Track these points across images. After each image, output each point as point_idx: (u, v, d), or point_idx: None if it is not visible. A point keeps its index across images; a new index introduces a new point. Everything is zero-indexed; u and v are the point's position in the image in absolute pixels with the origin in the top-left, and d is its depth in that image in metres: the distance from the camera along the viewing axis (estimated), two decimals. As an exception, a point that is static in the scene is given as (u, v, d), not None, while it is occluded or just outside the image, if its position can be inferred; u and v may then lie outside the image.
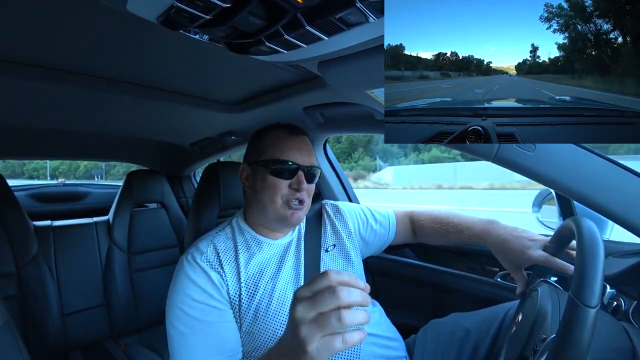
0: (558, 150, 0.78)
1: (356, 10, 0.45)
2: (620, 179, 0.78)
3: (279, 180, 0.92)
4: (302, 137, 0.98)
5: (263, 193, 0.93)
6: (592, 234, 0.57)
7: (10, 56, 0.84)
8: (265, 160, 0.93)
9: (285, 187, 0.92)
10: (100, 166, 26.84)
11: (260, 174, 0.94)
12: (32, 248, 1.58)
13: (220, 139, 1.72)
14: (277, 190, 0.91)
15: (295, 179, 0.92)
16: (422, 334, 1.02)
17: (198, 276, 0.85)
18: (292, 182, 0.92)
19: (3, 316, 0.75)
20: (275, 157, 0.93)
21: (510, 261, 0.89)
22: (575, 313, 0.50)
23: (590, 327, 0.49)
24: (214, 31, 0.53)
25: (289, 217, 0.92)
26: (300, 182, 0.92)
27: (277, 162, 0.92)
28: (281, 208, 0.92)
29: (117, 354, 1.61)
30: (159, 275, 1.91)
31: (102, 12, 0.65)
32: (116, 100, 1.18)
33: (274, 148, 0.94)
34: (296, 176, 0.92)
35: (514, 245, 0.89)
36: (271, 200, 0.92)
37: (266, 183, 0.92)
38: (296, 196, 0.92)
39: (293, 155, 0.93)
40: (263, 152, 0.95)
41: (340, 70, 0.71)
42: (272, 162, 0.92)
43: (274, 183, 0.92)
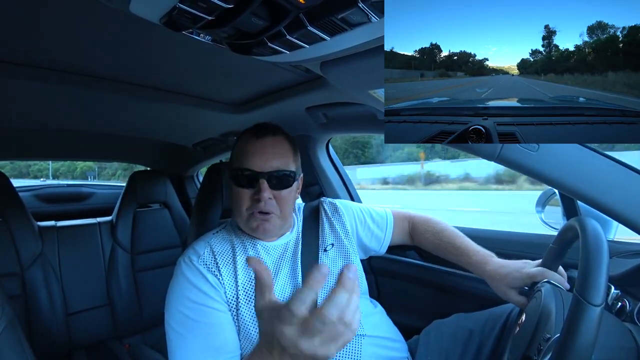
0: (562, 150, 0.78)
1: (358, 10, 0.45)
2: (625, 179, 0.78)
3: (242, 190, 0.88)
4: (267, 138, 0.90)
5: (232, 204, 0.92)
6: (596, 234, 0.56)
7: (14, 57, 0.85)
8: (230, 170, 0.92)
9: (247, 197, 0.88)
10: (94, 168, 28.81)
11: (230, 184, 0.92)
12: (36, 248, 1.59)
13: (223, 139, 1.72)
14: (241, 201, 0.88)
15: (256, 187, 0.87)
16: (425, 334, 1.02)
17: (195, 278, 0.85)
18: (253, 192, 0.87)
19: (8, 316, 0.75)
20: (236, 165, 0.90)
21: (505, 284, 0.86)
22: (579, 311, 0.50)
23: (595, 325, 0.49)
24: (217, 32, 0.53)
25: (254, 229, 0.88)
26: (261, 191, 0.85)
27: (237, 170, 0.89)
28: (247, 220, 0.89)
29: (121, 353, 1.62)
30: (162, 275, 1.92)
31: (105, 13, 0.65)
32: (119, 101, 1.19)
33: (239, 155, 0.91)
34: (257, 184, 0.87)
35: (509, 268, 0.88)
36: (238, 211, 0.90)
37: (233, 194, 0.91)
38: (258, 208, 0.87)
39: (253, 162, 0.87)
40: (233, 160, 0.93)
41: (343, 70, 0.71)
42: (234, 171, 0.90)
43: (237, 194, 0.89)
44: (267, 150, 0.89)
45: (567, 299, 0.65)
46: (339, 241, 1.05)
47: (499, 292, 0.89)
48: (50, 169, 36.05)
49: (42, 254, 1.61)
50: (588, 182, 0.78)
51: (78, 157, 2.39)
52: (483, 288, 1.13)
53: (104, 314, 1.77)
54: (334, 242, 1.04)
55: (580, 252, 0.57)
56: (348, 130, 1.38)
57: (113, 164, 15.81)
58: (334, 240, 1.05)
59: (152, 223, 1.96)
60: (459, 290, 1.19)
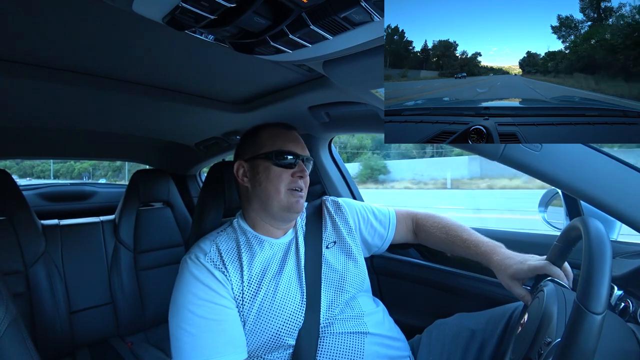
0: (565, 150, 0.77)
1: (360, 9, 0.46)
2: (628, 179, 0.77)
3: (283, 170, 0.96)
4: (294, 132, 1.04)
5: (267, 184, 0.95)
6: (599, 237, 0.56)
7: (17, 57, 0.85)
8: (266, 153, 0.96)
9: (288, 176, 0.96)
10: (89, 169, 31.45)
11: (263, 167, 0.96)
12: (40, 246, 1.60)
13: (225, 138, 1.72)
14: (282, 179, 0.95)
15: (297, 167, 0.97)
16: (426, 334, 1.02)
17: (203, 275, 0.86)
18: (294, 171, 0.96)
19: (11, 313, 0.75)
20: (277, 148, 0.97)
21: (509, 275, 0.87)
22: (580, 320, 0.49)
23: (595, 334, 0.48)
24: (220, 31, 0.54)
25: (293, 204, 0.95)
26: (303, 170, 0.97)
27: (280, 153, 0.96)
28: (285, 196, 0.95)
29: (124, 351, 1.63)
30: (165, 273, 1.93)
31: (108, 12, 0.65)
32: (122, 100, 1.19)
33: (272, 142, 0.98)
34: (297, 165, 0.97)
35: (514, 260, 0.89)
36: (276, 190, 0.95)
37: (270, 174, 0.95)
38: (298, 184, 0.96)
39: (292, 147, 0.98)
40: (262, 147, 0.98)
41: (345, 69, 0.71)
42: (274, 153, 0.96)
43: (278, 173, 0.95)
44: (298, 139, 1.02)
45: (569, 299, 0.65)
46: (341, 239, 1.05)
47: (503, 282, 0.90)
48: (51, 170, 36.57)
49: (46, 252, 1.62)
50: (591, 182, 0.77)
51: (81, 157, 2.40)
52: (485, 288, 1.13)
53: (106, 312, 1.78)
54: (336, 240, 1.05)
55: (582, 257, 0.56)
56: (350, 130, 1.38)
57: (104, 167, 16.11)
58: (336, 238, 1.05)
59: (154, 222, 1.97)
60: (461, 289, 1.19)
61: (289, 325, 0.87)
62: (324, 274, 0.97)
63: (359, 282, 1.01)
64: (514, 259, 0.89)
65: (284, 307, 0.88)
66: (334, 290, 0.96)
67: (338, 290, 0.96)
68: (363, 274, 1.05)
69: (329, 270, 0.98)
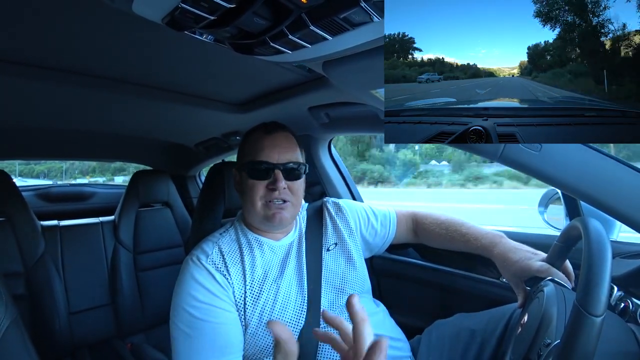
0: (565, 150, 0.78)
1: (360, 10, 0.46)
2: (628, 179, 0.77)
3: (256, 181, 0.92)
4: (277, 134, 0.96)
5: (245, 196, 0.94)
6: (599, 238, 0.56)
7: (16, 57, 0.85)
8: (243, 164, 0.95)
9: (262, 188, 0.92)
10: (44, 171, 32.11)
11: (243, 178, 0.95)
12: (39, 247, 1.60)
13: (225, 139, 1.72)
14: (255, 191, 0.92)
15: (272, 178, 0.91)
16: (426, 334, 1.02)
17: (204, 277, 0.85)
18: (268, 183, 0.91)
19: (11, 314, 0.75)
20: (250, 159, 0.93)
21: (512, 273, 0.88)
22: (580, 322, 0.49)
23: (595, 336, 0.48)
24: (219, 32, 0.54)
25: (271, 217, 0.91)
26: (277, 181, 0.90)
27: (251, 163, 0.92)
28: (262, 209, 0.92)
29: (123, 352, 1.63)
30: (164, 274, 1.93)
31: (107, 13, 0.65)
32: (122, 101, 1.19)
33: (249, 150, 0.95)
34: (272, 175, 0.91)
35: (516, 256, 0.88)
36: (252, 202, 0.92)
37: (247, 186, 0.93)
38: (274, 196, 0.91)
39: (267, 155, 0.92)
40: (244, 156, 0.96)
41: (345, 70, 0.71)
42: (248, 164, 0.93)
43: (251, 185, 0.92)
44: (279, 144, 0.94)
45: (569, 300, 0.65)
46: (342, 241, 1.05)
47: (504, 276, 0.91)
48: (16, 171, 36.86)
49: (45, 253, 1.61)
50: (591, 182, 0.77)
51: (80, 157, 2.40)
52: (485, 288, 1.13)
53: (106, 313, 1.78)
54: (337, 242, 1.05)
55: (582, 259, 0.56)
56: (350, 130, 1.38)
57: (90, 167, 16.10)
58: (337, 240, 1.05)
59: (154, 223, 1.97)
60: (461, 290, 1.19)
61: (290, 328, 0.87)
62: (325, 276, 0.96)
63: (359, 284, 1.01)
64: (516, 254, 0.89)
65: (286, 310, 0.88)
66: (334, 292, 0.96)
67: (339, 292, 0.96)
68: (364, 276, 1.05)
69: (330, 273, 0.98)
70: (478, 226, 1.04)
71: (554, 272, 0.80)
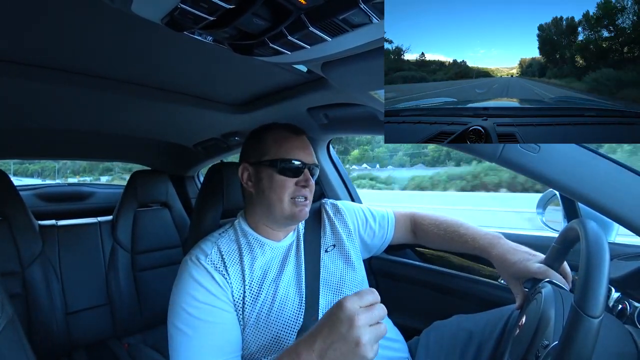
0: (563, 152, 0.78)
1: (359, 11, 0.45)
2: (626, 181, 0.77)
3: (287, 178, 0.93)
4: (303, 136, 1.00)
5: (270, 192, 0.93)
6: (597, 241, 0.56)
7: (16, 57, 0.85)
8: (271, 160, 0.94)
9: (292, 185, 0.93)
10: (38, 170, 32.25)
11: (266, 174, 0.94)
12: (36, 247, 1.59)
13: (224, 139, 1.72)
14: (285, 188, 0.93)
15: (302, 176, 0.94)
16: (424, 335, 1.02)
17: (202, 277, 0.85)
18: (299, 180, 0.94)
19: (8, 314, 0.75)
20: (281, 156, 0.94)
21: (510, 274, 0.88)
22: (577, 323, 0.50)
23: (592, 337, 0.49)
24: (218, 32, 0.54)
25: (297, 213, 0.93)
26: (308, 179, 0.94)
27: (284, 161, 0.93)
28: (288, 206, 0.93)
29: (121, 353, 1.62)
30: (162, 275, 1.92)
31: (107, 13, 0.65)
32: (120, 101, 1.19)
33: (278, 147, 0.95)
34: (303, 174, 0.94)
35: (515, 257, 0.89)
36: (279, 199, 0.93)
37: (273, 182, 0.93)
38: (302, 193, 0.94)
39: (298, 154, 0.95)
40: (266, 152, 0.95)
41: (344, 71, 0.71)
42: (279, 161, 0.93)
43: (281, 182, 0.93)
44: (307, 146, 0.99)
45: (567, 301, 0.65)
46: (340, 242, 1.05)
47: (503, 277, 0.92)
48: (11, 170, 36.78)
49: (43, 253, 1.61)
50: (589, 184, 0.77)
51: (79, 157, 2.39)
52: (483, 289, 1.13)
53: (103, 314, 1.77)
54: (336, 243, 1.05)
55: (580, 260, 0.56)
56: (349, 131, 1.38)
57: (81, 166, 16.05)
58: (336, 242, 1.05)
59: (152, 223, 1.97)
60: (459, 291, 1.19)
61: (288, 328, 0.87)
62: (323, 277, 0.96)
63: (357, 285, 1.01)
64: (515, 256, 0.89)
65: (284, 310, 0.88)
66: (332, 293, 0.96)
67: (337, 293, 0.96)
68: (362, 277, 1.05)
69: (328, 274, 0.98)
70: (477, 227, 1.04)
71: (552, 274, 0.80)
